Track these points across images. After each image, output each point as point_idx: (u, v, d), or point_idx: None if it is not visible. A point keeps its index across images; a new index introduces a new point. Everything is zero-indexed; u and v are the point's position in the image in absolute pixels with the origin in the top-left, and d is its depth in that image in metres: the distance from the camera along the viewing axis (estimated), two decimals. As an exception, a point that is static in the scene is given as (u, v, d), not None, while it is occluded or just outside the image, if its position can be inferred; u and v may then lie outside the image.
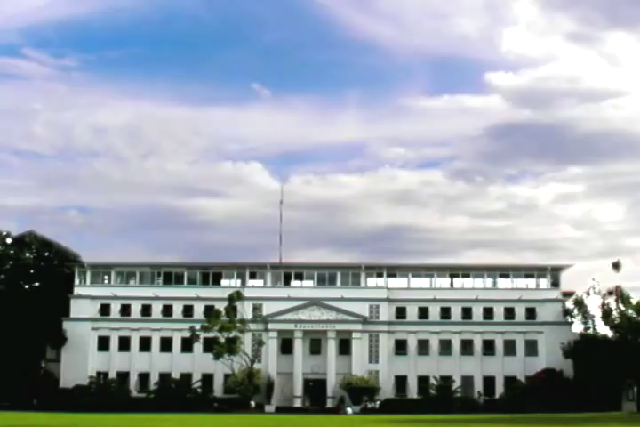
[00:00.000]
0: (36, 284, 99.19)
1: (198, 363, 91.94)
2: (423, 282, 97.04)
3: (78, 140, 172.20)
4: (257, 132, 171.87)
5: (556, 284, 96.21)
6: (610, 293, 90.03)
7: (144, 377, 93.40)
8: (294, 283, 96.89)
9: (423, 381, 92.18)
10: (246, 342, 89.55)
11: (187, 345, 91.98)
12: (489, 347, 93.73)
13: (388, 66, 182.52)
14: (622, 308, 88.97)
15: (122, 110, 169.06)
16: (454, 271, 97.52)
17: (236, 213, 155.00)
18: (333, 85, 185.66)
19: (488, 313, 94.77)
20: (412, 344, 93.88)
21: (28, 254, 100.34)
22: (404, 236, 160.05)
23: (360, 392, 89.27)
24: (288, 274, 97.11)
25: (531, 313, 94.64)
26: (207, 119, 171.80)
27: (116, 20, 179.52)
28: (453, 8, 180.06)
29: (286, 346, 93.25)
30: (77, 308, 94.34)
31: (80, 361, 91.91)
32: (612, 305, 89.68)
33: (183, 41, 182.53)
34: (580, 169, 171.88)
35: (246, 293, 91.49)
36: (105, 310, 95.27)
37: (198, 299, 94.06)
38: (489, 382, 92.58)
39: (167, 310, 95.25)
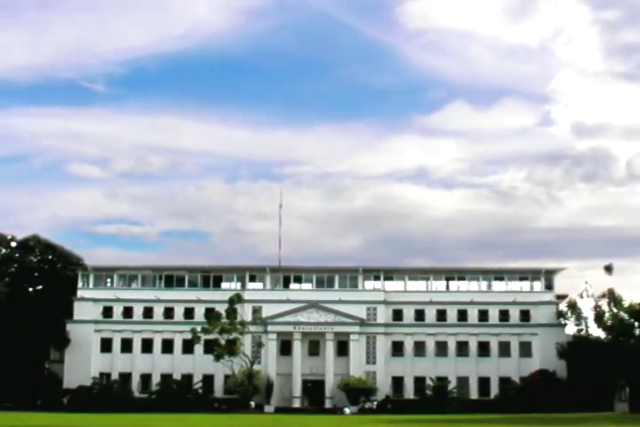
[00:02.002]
0: (40, 286, 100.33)
1: (199, 364, 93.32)
2: (419, 285, 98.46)
3: (159, 166, 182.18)
4: (317, 155, 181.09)
5: (549, 286, 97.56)
6: (604, 295, 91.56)
7: (146, 378, 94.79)
8: (293, 286, 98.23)
9: (420, 381, 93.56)
10: (246, 343, 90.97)
11: (188, 347, 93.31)
12: (484, 348, 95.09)
13: (447, 95, 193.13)
14: (615, 310, 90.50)
15: (191, 135, 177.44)
16: (450, 274, 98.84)
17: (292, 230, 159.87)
18: (396, 111, 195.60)
19: (483, 315, 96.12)
20: (409, 346, 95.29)
21: (31, 258, 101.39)
22: (458, 246, 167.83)
23: (358, 393, 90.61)
24: (287, 277, 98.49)
25: (525, 315, 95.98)
26: (267, 143, 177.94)
27: (210, 55, 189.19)
28: (515, 48, 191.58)
29: (285, 347, 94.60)
30: (80, 310, 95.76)
31: (83, 362, 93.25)
32: (605, 307, 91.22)
33: (262, 72, 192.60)
34: (619, 189, 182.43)
35: (246, 295, 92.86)
36: (107, 312, 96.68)
37: (199, 301, 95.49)
38: (484, 382, 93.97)
39: (169, 313, 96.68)
